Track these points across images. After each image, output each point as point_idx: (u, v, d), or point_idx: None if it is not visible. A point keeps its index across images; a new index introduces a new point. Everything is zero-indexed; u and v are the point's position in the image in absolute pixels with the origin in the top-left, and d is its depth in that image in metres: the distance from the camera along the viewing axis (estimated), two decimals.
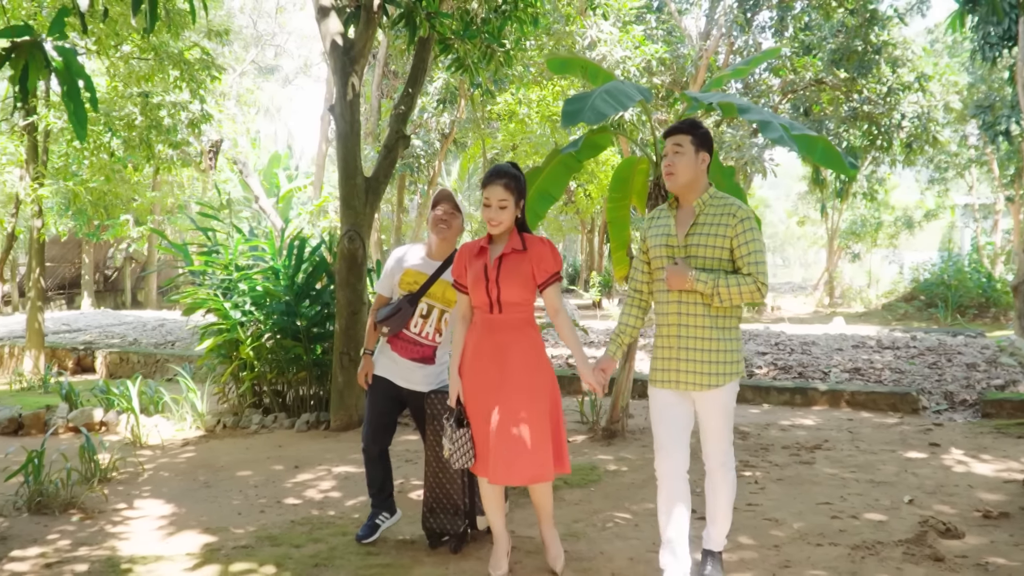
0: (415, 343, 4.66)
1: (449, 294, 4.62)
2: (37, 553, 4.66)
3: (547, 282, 3.99)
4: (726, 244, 3.74)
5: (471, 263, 4.07)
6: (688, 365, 3.81)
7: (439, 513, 4.49)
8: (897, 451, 6.62)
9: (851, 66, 16.80)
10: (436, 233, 4.62)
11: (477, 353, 4.00)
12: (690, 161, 3.80)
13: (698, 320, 3.79)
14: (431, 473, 4.50)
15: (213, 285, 8.45)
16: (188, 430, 8.01)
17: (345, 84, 7.59)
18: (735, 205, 3.78)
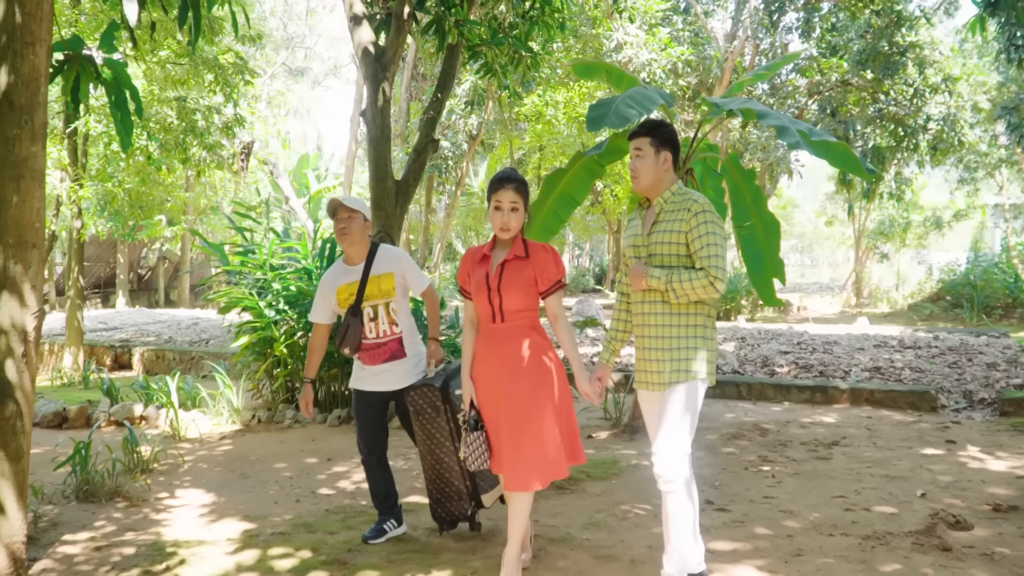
0: (378, 346, 4.70)
1: (385, 285, 4.68)
2: (87, 537, 4.93)
3: (550, 290, 4.02)
4: (682, 240, 3.72)
5: (473, 270, 4.11)
6: (651, 364, 3.84)
7: (444, 502, 4.55)
8: (913, 448, 6.77)
9: (877, 67, 16.85)
10: (340, 242, 4.69)
11: (484, 361, 4.04)
12: (651, 163, 3.81)
13: (658, 319, 3.79)
14: (427, 466, 4.53)
15: (248, 284, 8.71)
16: (225, 424, 8.29)
17: (376, 90, 7.84)
18: (691, 199, 3.76)
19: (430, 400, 4.41)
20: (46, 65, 4.40)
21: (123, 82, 5.08)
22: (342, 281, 4.76)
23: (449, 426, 4.41)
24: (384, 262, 4.74)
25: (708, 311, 3.83)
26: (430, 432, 4.45)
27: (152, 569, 4.39)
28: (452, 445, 4.41)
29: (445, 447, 4.43)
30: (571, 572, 4.23)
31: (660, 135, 3.84)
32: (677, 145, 3.90)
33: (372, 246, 4.77)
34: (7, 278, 4.27)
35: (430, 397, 4.40)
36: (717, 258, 3.65)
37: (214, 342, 13.76)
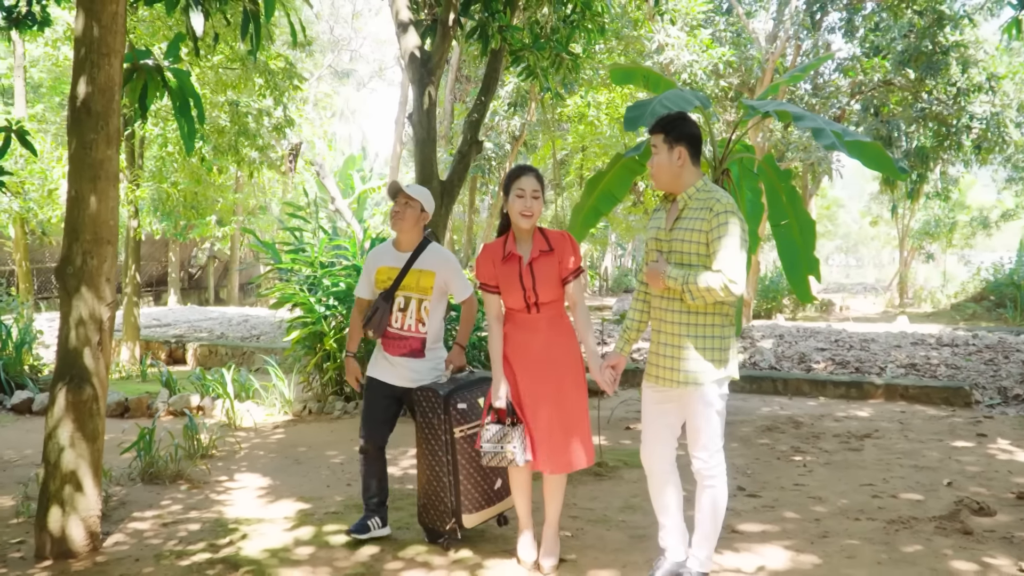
0: (400, 338, 4.73)
1: (424, 282, 4.69)
2: (153, 515, 5.29)
3: (570, 277, 4.19)
4: (703, 239, 3.71)
5: (499, 267, 4.23)
6: (663, 360, 3.86)
7: (429, 510, 4.57)
8: (944, 440, 6.94)
9: (920, 67, 16.84)
10: (393, 226, 4.72)
11: (521, 352, 4.20)
12: (664, 159, 3.81)
13: (674, 316, 3.81)
14: (419, 470, 4.60)
15: (299, 281, 9.06)
16: (277, 415, 8.65)
17: (422, 94, 8.15)
18: (715, 199, 3.73)
19: (432, 404, 4.47)
20: (120, 75, 4.76)
21: (187, 90, 5.43)
22: (385, 262, 4.80)
23: (444, 438, 4.43)
24: (430, 260, 4.76)
25: (726, 311, 3.83)
26: (427, 437, 4.52)
27: (217, 543, 4.72)
28: (444, 456, 4.44)
29: (437, 456, 4.47)
30: (607, 550, 4.49)
31: (673, 130, 3.81)
32: (695, 139, 3.83)
33: (424, 240, 4.81)
34: (85, 272, 4.63)
35: (432, 402, 4.46)
36: (734, 260, 3.63)
37: (264, 338, 14.18)
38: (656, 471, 4.02)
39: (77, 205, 4.64)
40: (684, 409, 3.86)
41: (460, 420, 4.44)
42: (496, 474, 4.59)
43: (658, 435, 3.97)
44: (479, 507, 4.52)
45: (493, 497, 4.59)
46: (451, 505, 4.45)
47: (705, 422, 3.78)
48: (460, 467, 4.43)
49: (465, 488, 4.44)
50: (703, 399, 3.77)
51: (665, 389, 3.88)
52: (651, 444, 4.00)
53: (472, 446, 4.46)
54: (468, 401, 4.52)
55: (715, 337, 3.79)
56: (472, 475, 4.47)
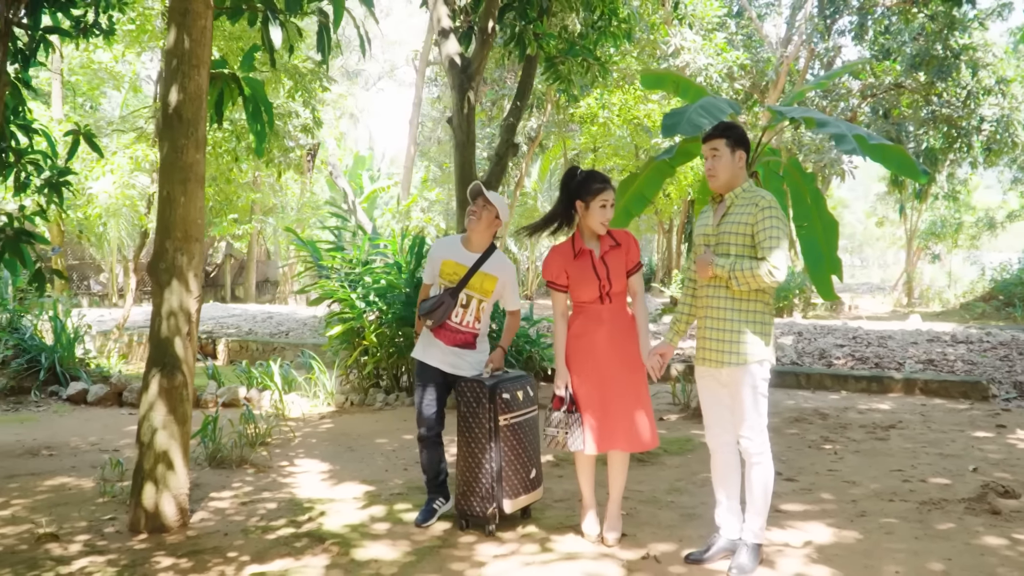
0: (457, 331, 5.00)
1: (487, 285, 4.97)
2: (230, 496, 5.65)
3: (634, 269, 4.61)
4: (748, 231, 4.06)
5: (570, 265, 4.55)
6: (711, 343, 4.21)
7: (469, 496, 4.79)
8: (965, 431, 7.30)
9: (931, 70, 17.19)
10: (468, 225, 4.95)
11: (591, 342, 4.53)
12: (727, 162, 4.15)
13: (721, 303, 4.16)
14: (461, 457, 4.85)
15: (340, 278, 9.40)
16: (321, 406, 9.01)
17: (462, 99, 8.51)
18: (760, 196, 4.10)
19: (476, 394, 4.76)
20: (207, 83, 5.12)
21: (260, 98, 5.79)
22: (452, 257, 5.02)
23: (489, 425, 4.71)
24: (496, 265, 5.06)
25: (767, 299, 4.18)
26: (470, 425, 4.78)
27: (297, 519, 5.08)
28: (487, 443, 4.71)
29: (480, 444, 4.74)
30: (662, 526, 4.85)
31: (734, 136, 4.19)
32: (748, 145, 4.25)
33: (492, 246, 5.10)
34: (175, 268, 4.99)
35: (476, 392, 4.76)
36: (778, 250, 3.98)
37: (293, 334, 14.55)
38: (719, 451, 4.39)
39: (168, 205, 4.99)
40: (730, 391, 4.22)
41: (504, 409, 4.77)
42: (531, 464, 4.91)
43: (719, 417, 4.34)
44: (517, 494, 4.81)
45: (528, 486, 4.90)
46: (492, 491, 4.73)
47: (751, 402, 4.14)
48: (504, 454, 4.76)
49: (507, 475, 4.75)
50: (749, 380, 4.12)
51: (714, 371, 4.25)
52: (713, 426, 4.38)
53: (513, 435, 4.80)
54: (511, 392, 4.84)
55: (757, 322, 4.16)
56: (513, 462, 4.79)
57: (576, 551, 4.45)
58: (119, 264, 25.01)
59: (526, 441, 4.88)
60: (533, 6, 8.58)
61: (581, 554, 4.41)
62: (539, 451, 5.02)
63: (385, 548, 4.55)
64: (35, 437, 7.75)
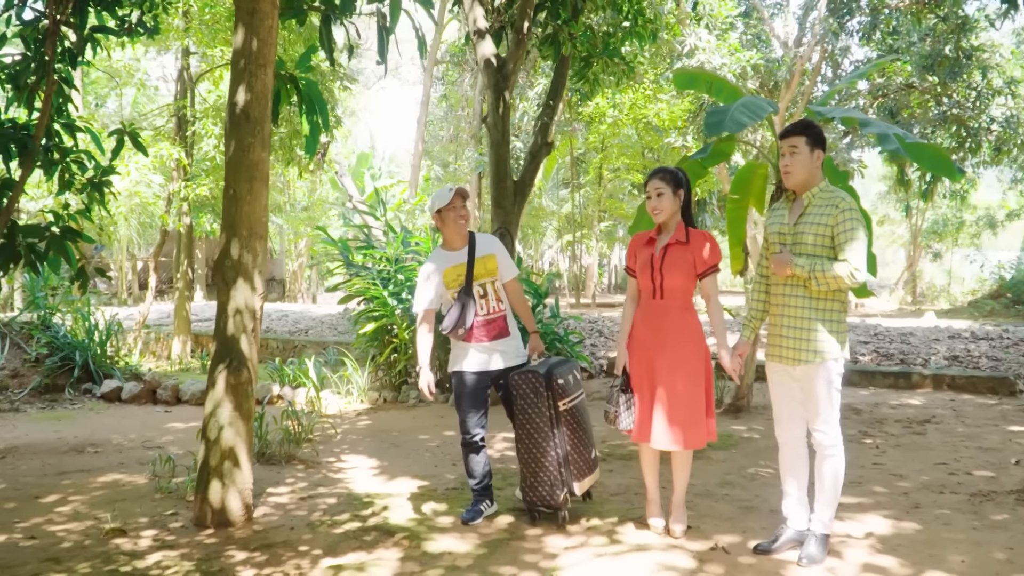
0: (488, 321, 5.03)
1: (490, 265, 5.05)
2: (287, 491, 5.72)
3: (706, 272, 4.59)
4: (828, 232, 4.07)
5: (640, 251, 4.69)
6: (787, 341, 4.25)
7: (537, 487, 4.83)
8: (1000, 425, 7.40)
9: (943, 71, 17.28)
10: (459, 227, 5.02)
11: (641, 332, 4.64)
12: (805, 160, 4.16)
13: (799, 301, 4.19)
14: (524, 450, 4.86)
15: (371, 276, 9.47)
16: (355, 403, 9.09)
17: (498, 98, 8.58)
18: (839, 197, 4.10)
19: (533, 385, 4.79)
20: (272, 83, 5.19)
21: (315, 97, 5.86)
22: (447, 265, 5.06)
23: (549, 412, 4.76)
24: (484, 245, 5.14)
25: (843, 298, 4.20)
26: (530, 416, 4.82)
27: (360, 514, 5.16)
28: (550, 431, 4.76)
29: (544, 432, 4.78)
30: (722, 518, 4.93)
31: (813, 134, 4.19)
32: (826, 145, 4.24)
33: (470, 233, 5.16)
34: (241, 265, 5.06)
35: (533, 382, 4.79)
36: (859, 252, 4.00)
37: (312, 332, 14.61)
38: (789, 444, 4.45)
39: (235, 203, 5.06)
40: (804, 386, 4.26)
41: (562, 394, 4.84)
42: (590, 444, 5.01)
43: (791, 412, 4.40)
44: (584, 475, 4.90)
45: (592, 465, 5.00)
46: (562, 476, 4.78)
47: (826, 397, 4.20)
48: (568, 439, 4.84)
49: (573, 458, 4.84)
50: (825, 376, 4.17)
51: (789, 368, 4.29)
52: (785, 421, 4.44)
53: (573, 418, 4.90)
54: (564, 377, 4.91)
55: (835, 321, 4.20)
56: (576, 445, 4.88)
57: (645, 542, 4.53)
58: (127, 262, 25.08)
59: (584, 423, 4.99)
60: (566, 6, 8.65)
61: (650, 545, 4.49)
62: (592, 431, 5.12)
63: (455, 541, 4.63)
64: (76, 435, 7.82)
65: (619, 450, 6.79)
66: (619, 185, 28.93)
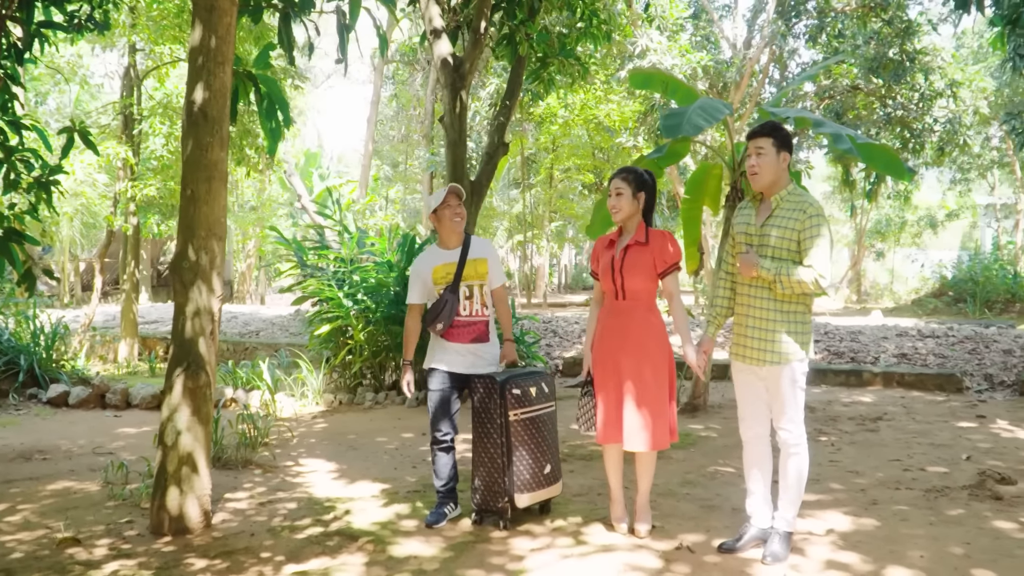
0: (468, 324, 5.09)
1: (480, 269, 5.10)
2: (245, 496, 5.63)
3: (667, 271, 4.60)
4: (794, 236, 4.11)
5: (602, 254, 4.71)
6: (752, 342, 4.27)
7: (484, 492, 4.89)
8: (949, 421, 7.55)
9: (887, 74, 17.58)
10: (454, 225, 5.10)
11: (605, 334, 4.65)
12: (772, 161, 4.18)
13: (764, 303, 4.23)
14: (476, 453, 4.93)
15: (325, 277, 9.36)
16: (310, 406, 8.99)
17: (455, 98, 8.55)
18: (807, 203, 4.15)
19: (489, 390, 4.83)
20: (231, 81, 5.10)
21: (275, 96, 5.78)
22: (438, 262, 5.15)
23: (500, 420, 4.78)
24: (478, 248, 5.20)
25: (808, 301, 4.24)
26: (482, 420, 4.88)
27: (322, 518, 5.09)
28: (499, 439, 4.79)
29: (492, 438, 4.83)
30: (685, 518, 4.96)
31: (780, 136, 4.21)
32: (792, 147, 4.28)
33: (467, 234, 5.27)
34: (199, 267, 4.97)
35: (489, 387, 4.83)
36: (824, 258, 4.06)
37: (264, 334, 14.44)
38: (753, 442, 4.46)
39: (193, 204, 4.96)
40: (770, 386, 4.29)
41: (515, 405, 4.83)
42: (545, 459, 4.97)
43: (755, 411, 4.42)
44: (530, 488, 4.86)
45: (543, 481, 4.94)
46: (504, 485, 4.80)
47: (791, 397, 4.24)
48: (514, 448, 4.82)
49: (518, 469, 4.81)
50: (790, 376, 4.21)
51: (754, 368, 4.32)
52: (749, 419, 4.45)
53: (525, 430, 4.87)
54: (522, 388, 4.90)
55: (800, 322, 4.24)
56: (524, 457, 4.85)
57: (611, 543, 4.54)
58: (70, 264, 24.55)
59: (539, 437, 4.92)
60: (522, 6, 8.64)
61: (616, 546, 4.49)
62: (557, 446, 5.09)
63: (420, 545, 4.59)
64: (22, 441, 7.62)
65: (579, 451, 6.80)
66: (570, 185, 29.02)
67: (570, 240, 40.68)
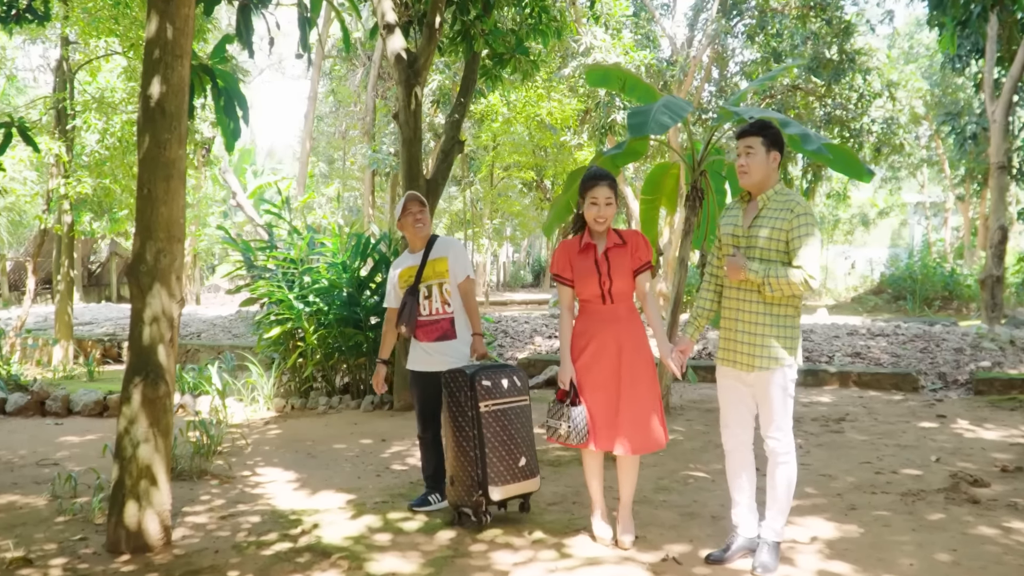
0: (431, 323, 5.21)
1: (439, 267, 5.22)
2: (204, 509, 5.36)
3: (641, 268, 4.52)
4: (782, 236, 4.00)
5: (576, 259, 4.54)
6: (742, 347, 4.14)
7: (457, 485, 4.85)
8: (911, 422, 7.58)
9: (827, 73, 17.81)
10: (416, 231, 5.28)
11: (599, 340, 4.45)
12: (761, 160, 4.08)
13: (753, 307, 4.10)
14: (449, 447, 4.92)
15: (275, 278, 9.07)
16: (261, 411, 8.69)
17: (409, 94, 8.32)
18: (795, 202, 4.04)
19: (458, 384, 4.80)
20: (189, 75, 4.84)
21: (233, 91, 5.51)
22: (405, 265, 5.36)
23: (471, 413, 4.72)
24: (440, 248, 5.31)
25: (797, 304, 4.13)
26: (453, 414, 4.83)
27: (289, 533, 4.85)
28: (470, 431, 4.74)
29: (464, 431, 4.76)
30: (666, 526, 4.84)
31: (770, 135, 4.11)
32: (783, 146, 4.17)
33: (432, 236, 5.37)
34: (158, 270, 4.70)
35: (459, 381, 4.81)
36: (813, 258, 3.95)
37: (206, 335, 14.03)
38: (736, 451, 4.35)
39: (150, 204, 4.69)
40: (758, 393, 4.18)
41: (485, 396, 4.78)
42: (520, 452, 4.86)
43: (740, 418, 4.30)
44: (504, 481, 4.78)
45: (518, 474, 4.85)
46: (477, 478, 4.73)
47: (780, 404, 4.13)
48: (486, 441, 4.74)
49: (491, 461, 4.73)
50: (779, 382, 4.10)
51: (741, 373, 4.20)
52: (733, 426, 4.33)
53: (496, 421, 4.79)
54: (492, 380, 4.85)
55: (790, 327, 4.14)
56: (497, 448, 4.77)
57: (596, 555, 4.39)
58: None
59: (512, 429, 4.85)
60: (476, 3, 8.46)
61: (602, 559, 4.35)
62: (532, 440, 4.98)
63: (397, 560, 4.39)
64: None
65: (546, 456, 6.63)
66: (510, 183, 28.87)
67: (508, 238, 40.58)
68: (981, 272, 13.80)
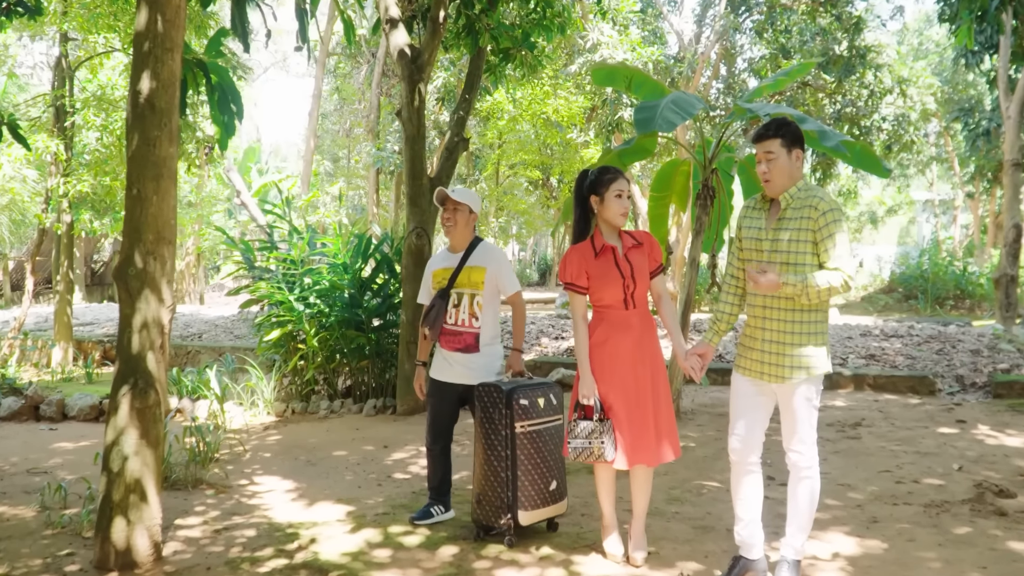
0: (455, 333, 4.94)
1: (475, 277, 4.93)
2: (199, 522, 5.15)
3: (656, 271, 4.35)
4: (808, 237, 3.76)
5: (591, 264, 4.27)
6: (769, 357, 3.88)
7: (485, 505, 4.63)
8: (929, 427, 7.33)
9: (837, 70, 17.54)
10: (445, 232, 5.04)
11: (623, 348, 4.22)
12: (784, 164, 3.82)
13: (782, 314, 3.84)
14: (479, 465, 4.67)
15: (275, 279, 8.87)
16: (261, 415, 8.49)
17: (412, 90, 8.10)
18: (818, 197, 3.78)
19: (493, 399, 4.57)
20: (180, 70, 4.63)
21: (227, 86, 5.30)
22: (440, 265, 5.09)
23: (505, 432, 4.51)
24: (480, 256, 4.99)
25: (827, 308, 3.90)
26: (486, 431, 4.60)
27: (285, 548, 4.64)
28: (503, 451, 4.52)
29: (496, 451, 4.55)
30: (679, 541, 4.62)
31: (789, 134, 3.85)
32: (803, 141, 3.90)
33: (475, 239, 5.06)
34: (147, 274, 4.49)
35: (494, 397, 4.57)
36: (847, 256, 3.73)
37: (207, 336, 13.83)
38: (743, 465, 4.06)
39: (139, 204, 4.49)
40: (782, 403, 3.94)
41: (521, 416, 4.52)
42: (552, 475, 4.64)
43: (751, 428, 4.03)
44: (535, 506, 4.57)
45: (548, 498, 4.63)
46: (507, 501, 4.51)
47: (806, 416, 3.90)
48: (519, 463, 4.50)
49: (523, 484, 4.50)
50: (805, 393, 3.87)
51: (765, 383, 3.96)
52: (742, 436, 4.04)
53: (531, 443, 4.54)
54: (530, 399, 4.59)
55: (819, 333, 3.88)
56: (530, 472, 4.53)
57: (606, 573, 4.18)
58: None
59: (545, 451, 4.62)
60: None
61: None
62: (563, 462, 4.76)
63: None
64: None
65: None
66: (515, 181, 28.67)
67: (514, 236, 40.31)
68: (995, 271, 13.54)
